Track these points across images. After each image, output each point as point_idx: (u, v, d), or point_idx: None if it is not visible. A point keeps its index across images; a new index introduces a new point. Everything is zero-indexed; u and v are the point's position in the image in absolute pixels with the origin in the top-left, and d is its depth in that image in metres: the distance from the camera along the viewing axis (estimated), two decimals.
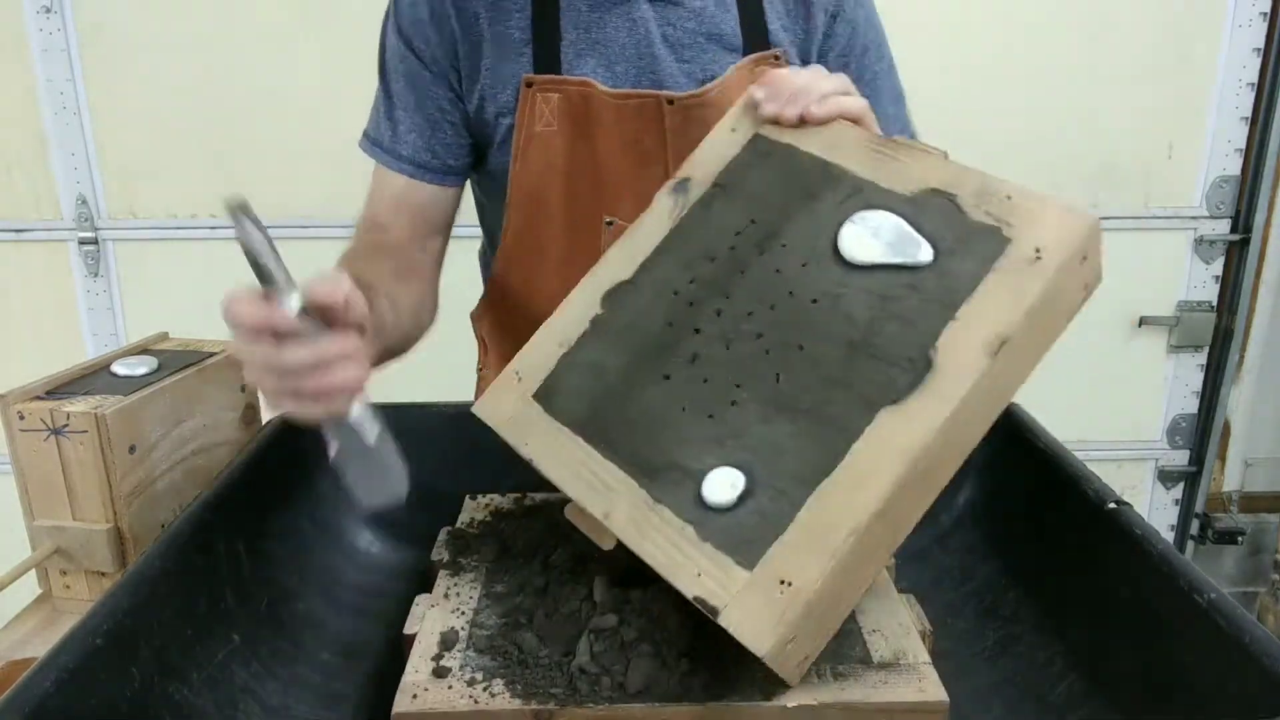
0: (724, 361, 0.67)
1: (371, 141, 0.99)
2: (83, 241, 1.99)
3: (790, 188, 0.73)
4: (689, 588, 0.59)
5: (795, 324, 0.66)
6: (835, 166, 0.72)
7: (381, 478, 0.69)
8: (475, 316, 1.13)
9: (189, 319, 1.30)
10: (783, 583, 0.56)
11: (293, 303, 0.60)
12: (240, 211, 0.59)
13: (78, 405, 0.85)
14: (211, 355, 1.00)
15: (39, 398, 0.87)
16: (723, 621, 0.57)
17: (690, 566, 0.59)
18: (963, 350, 0.60)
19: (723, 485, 0.61)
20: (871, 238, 0.67)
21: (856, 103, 0.76)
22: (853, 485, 0.58)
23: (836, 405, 0.62)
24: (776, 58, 0.94)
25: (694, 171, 0.78)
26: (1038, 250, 0.61)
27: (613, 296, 0.74)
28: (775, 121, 0.76)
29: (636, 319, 0.72)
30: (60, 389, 0.89)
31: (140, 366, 0.94)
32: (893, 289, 0.64)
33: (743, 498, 0.60)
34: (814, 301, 0.66)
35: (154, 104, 1.92)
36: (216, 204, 1.98)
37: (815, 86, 0.75)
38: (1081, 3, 1.92)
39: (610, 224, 0.97)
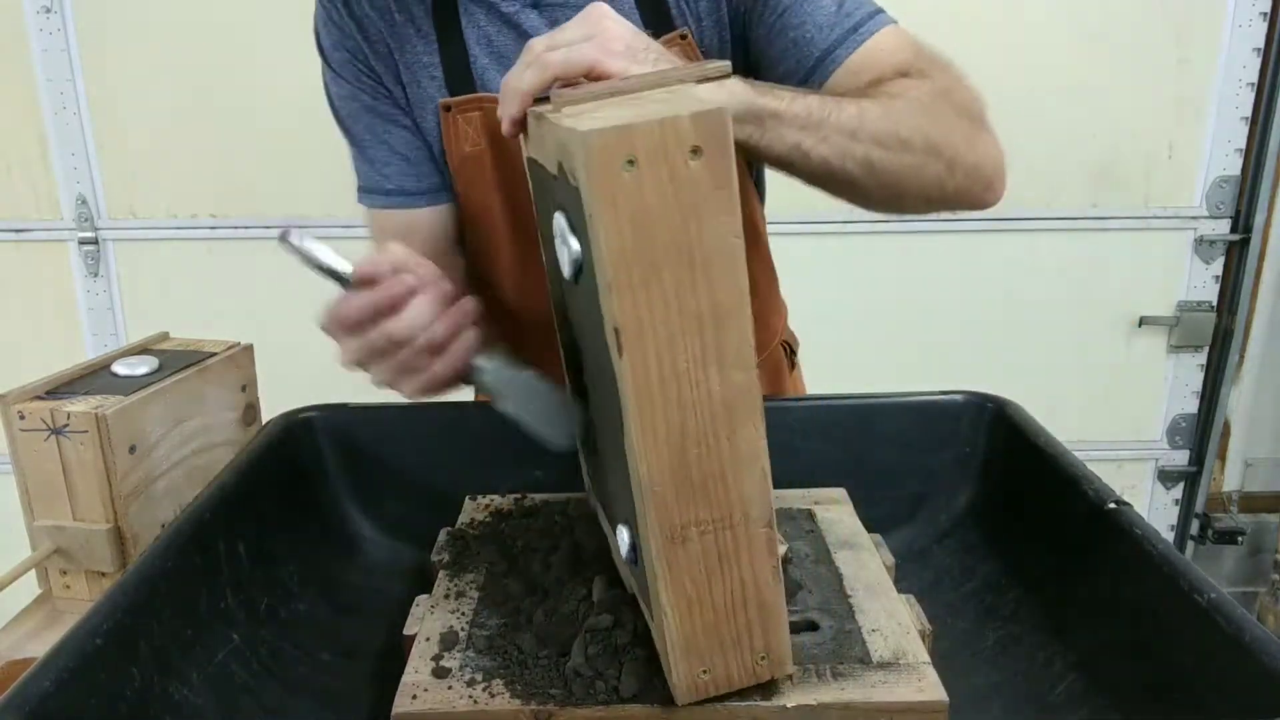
0: (598, 421, 0.65)
1: (366, 192, 0.99)
2: (83, 241, 1.99)
3: (548, 211, 0.65)
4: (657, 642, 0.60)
5: (588, 363, 0.63)
6: (540, 168, 0.64)
7: (555, 410, 0.72)
8: None
9: (189, 319, 1.30)
10: (659, 630, 0.57)
11: None
12: (290, 238, 0.66)
13: (78, 405, 0.85)
14: (212, 355, 1.00)
15: (39, 398, 0.87)
16: (666, 673, 0.58)
17: (646, 618, 0.62)
18: (610, 355, 0.52)
19: (622, 541, 0.62)
20: (561, 245, 0.57)
21: (531, 77, 0.64)
22: (643, 529, 0.55)
23: (610, 441, 0.58)
24: (684, 37, 0.89)
25: (538, 215, 0.73)
26: (584, 206, 0.49)
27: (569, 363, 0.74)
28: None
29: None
30: (60, 389, 0.89)
31: (140, 366, 0.94)
32: (581, 301, 0.58)
33: (633, 548, 0.60)
34: (582, 332, 0.62)
35: (154, 104, 1.93)
36: (216, 204, 1.99)
37: (507, 80, 0.66)
38: (1081, 3, 1.92)
39: None
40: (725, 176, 0.48)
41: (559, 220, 0.56)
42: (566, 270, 0.55)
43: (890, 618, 0.68)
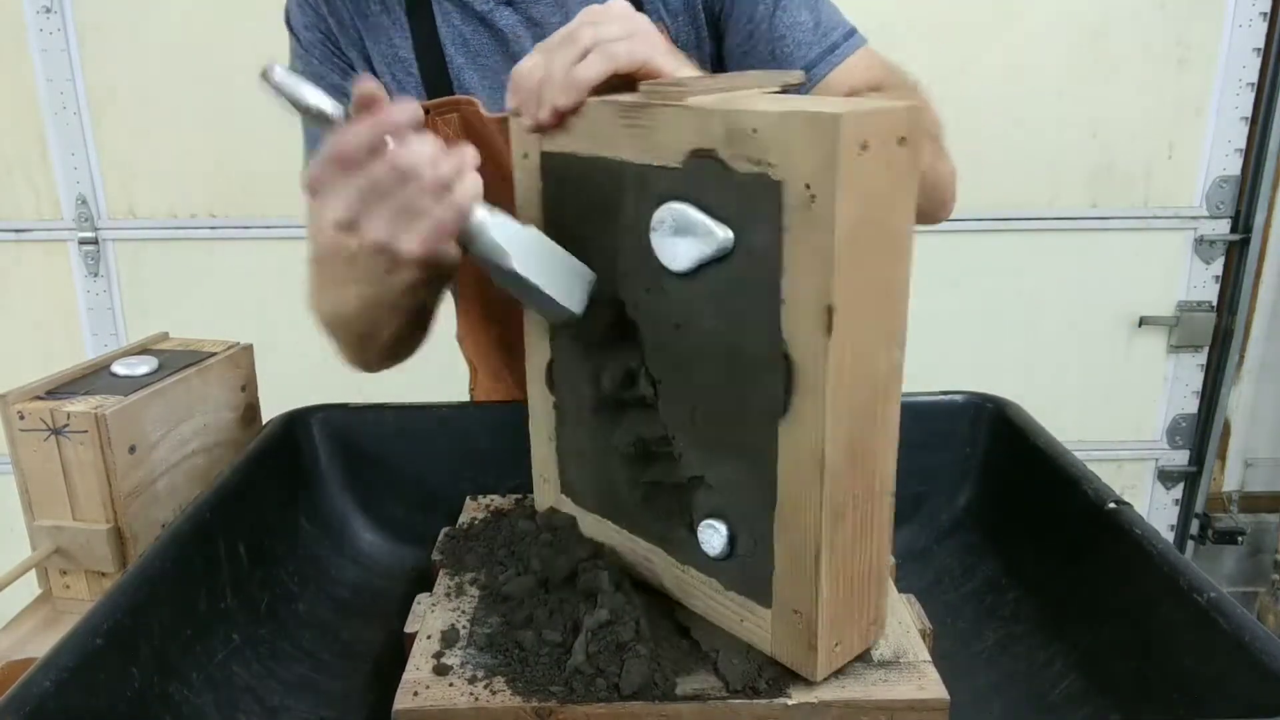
0: (652, 420, 0.66)
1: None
2: (83, 241, 1.99)
3: (592, 210, 0.65)
4: (743, 635, 0.63)
5: (676, 359, 0.62)
6: (609, 163, 0.62)
7: (564, 269, 0.65)
8: (459, 338, 1.12)
9: (189, 319, 1.30)
10: (795, 612, 0.59)
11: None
12: (273, 76, 0.59)
13: (78, 405, 0.85)
14: (211, 355, 1.00)
15: (39, 398, 0.87)
16: (777, 657, 0.61)
17: (732, 615, 0.63)
18: (803, 335, 0.54)
19: (711, 538, 0.63)
20: (675, 237, 0.57)
21: (597, 65, 0.61)
22: (795, 509, 0.57)
23: (747, 431, 0.59)
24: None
25: (526, 219, 0.70)
26: (808, 187, 0.51)
27: (551, 378, 0.74)
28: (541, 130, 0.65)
29: (577, 398, 0.72)
30: (60, 389, 0.89)
31: (140, 366, 0.94)
32: (719, 287, 0.58)
33: (732, 541, 0.62)
34: (677, 328, 0.61)
35: (154, 104, 1.93)
36: (216, 204, 1.99)
37: (552, 70, 0.62)
38: (1082, 3, 1.92)
39: None
40: (917, 165, 0.53)
41: (679, 210, 0.57)
42: (682, 263, 0.57)
43: (890, 617, 0.68)
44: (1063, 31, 1.93)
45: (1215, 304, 2.10)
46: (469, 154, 0.62)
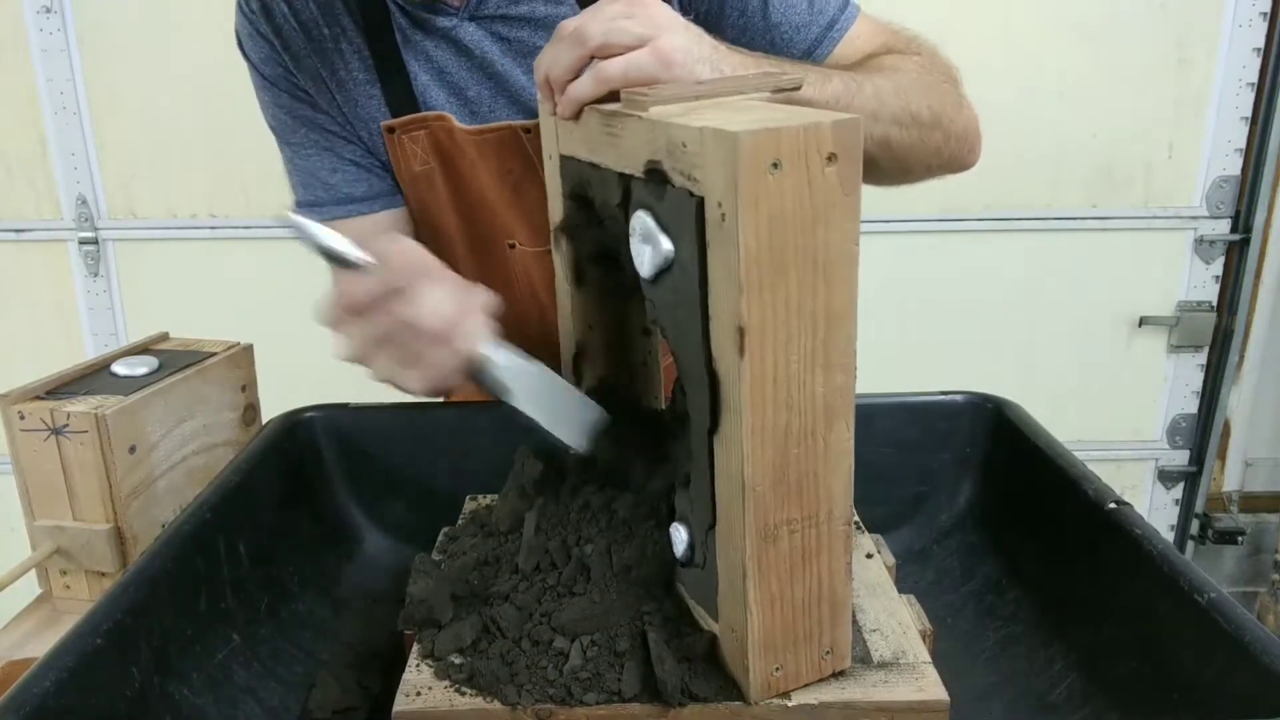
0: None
1: (306, 206, 0.96)
2: (83, 241, 1.99)
3: (599, 211, 0.67)
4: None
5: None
6: (600, 171, 0.64)
7: (569, 407, 0.69)
8: None
9: (189, 319, 1.30)
10: (732, 630, 0.58)
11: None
12: (294, 219, 0.66)
13: (78, 405, 0.85)
14: (211, 355, 1.00)
15: (39, 398, 0.87)
16: (730, 670, 0.60)
17: (706, 618, 0.63)
18: (724, 354, 0.53)
19: (676, 541, 0.64)
20: (643, 244, 0.58)
21: (593, 86, 0.63)
22: (728, 527, 0.56)
23: (694, 442, 0.58)
24: None
25: (554, 217, 0.74)
26: (719, 205, 0.50)
27: (578, 372, 0.77)
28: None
29: (606, 392, 0.76)
30: (60, 389, 0.89)
31: (140, 366, 0.94)
32: (666, 297, 0.58)
33: (691, 548, 0.62)
34: (662, 331, 0.62)
35: (154, 104, 1.92)
36: (216, 204, 1.99)
37: (565, 91, 0.64)
38: (1081, 3, 1.92)
39: (513, 247, 0.94)
40: (854, 184, 0.50)
41: (643, 219, 0.56)
42: (647, 270, 0.57)
43: (890, 617, 0.68)
44: (1063, 32, 1.93)
45: (1215, 304, 2.10)
46: (479, 298, 0.65)
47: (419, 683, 0.62)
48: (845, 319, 0.53)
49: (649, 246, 0.57)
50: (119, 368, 0.94)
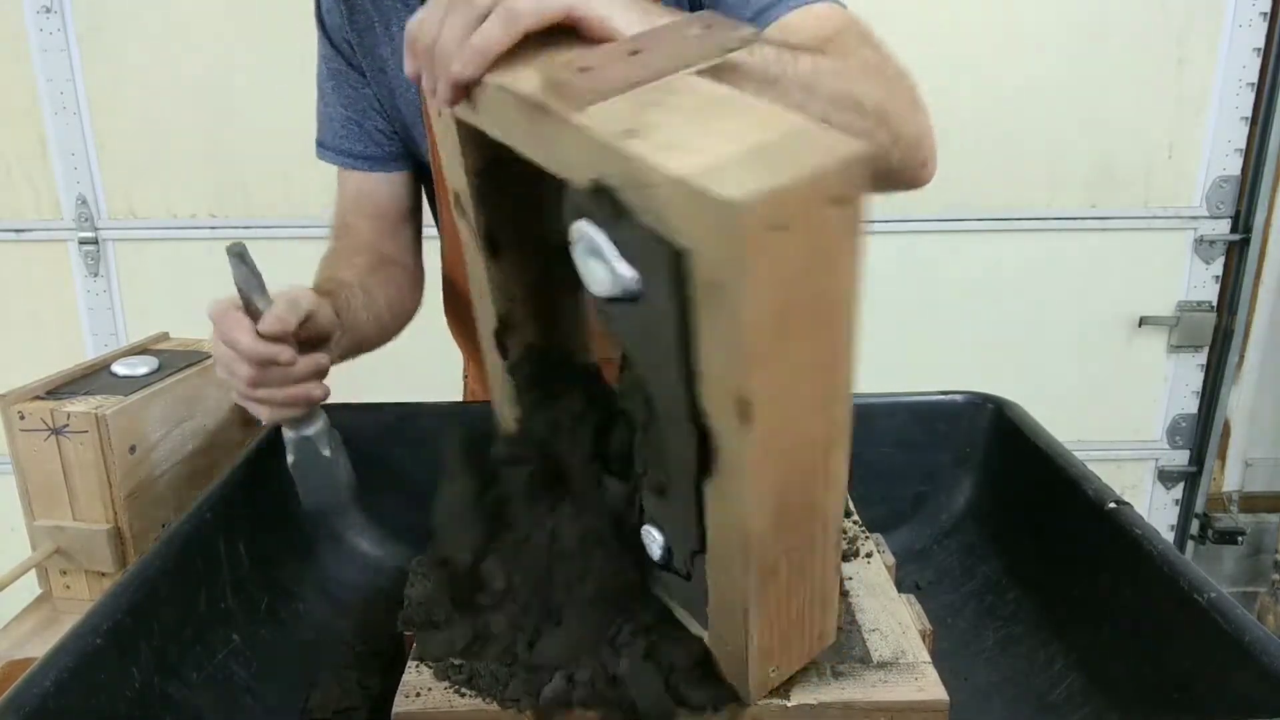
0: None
1: (320, 146, 1.02)
2: (83, 241, 1.99)
3: (518, 196, 0.62)
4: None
5: (642, 384, 0.56)
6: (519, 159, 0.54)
7: (329, 487, 0.81)
8: (448, 322, 1.13)
9: (189, 319, 1.30)
10: (727, 644, 0.57)
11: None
12: (239, 257, 0.76)
13: (78, 405, 0.85)
14: (211, 355, 1.00)
15: (39, 398, 0.87)
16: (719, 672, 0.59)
17: (691, 622, 0.62)
18: (721, 416, 0.47)
19: (650, 543, 0.62)
20: (590, 257, 0.48)
21: (499, 29, 0.51)
22: (723, 563, 0.54)
23: (676, 475, 0.54)
24: None
25: (454, 182, 0.66)
26: (712, 271, 0.42)
27: (503, 344, 0.72)
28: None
29: (536, 357, 0.72)
30: (60, 389, 0.89)
31: (140, 366, 0.94)
32: (634, 327, 0.50)
33: (668, 553, 0.61)
34: (644, 355, 0.54)
35: (154, 104, 1.92)
36: (216, 204, 1.99)
37: (446, 34, 0.53)
38: (1081, 3, 1.92)
39: None
40: (857, 224, 0.43)
41: (589, 232, 0.47)
42: (602, 289, 0.48)
43: (890, 617, 0.68)
44: (1063, 31, 1.93)
45: (1215, 304, 2.10)
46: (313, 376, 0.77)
47: (419, 683, 0.62)
48: (847, 357, 0.47)
49: (599, 264, 0.47)
50: (119, 368, 0.94)
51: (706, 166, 0.41)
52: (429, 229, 1.07)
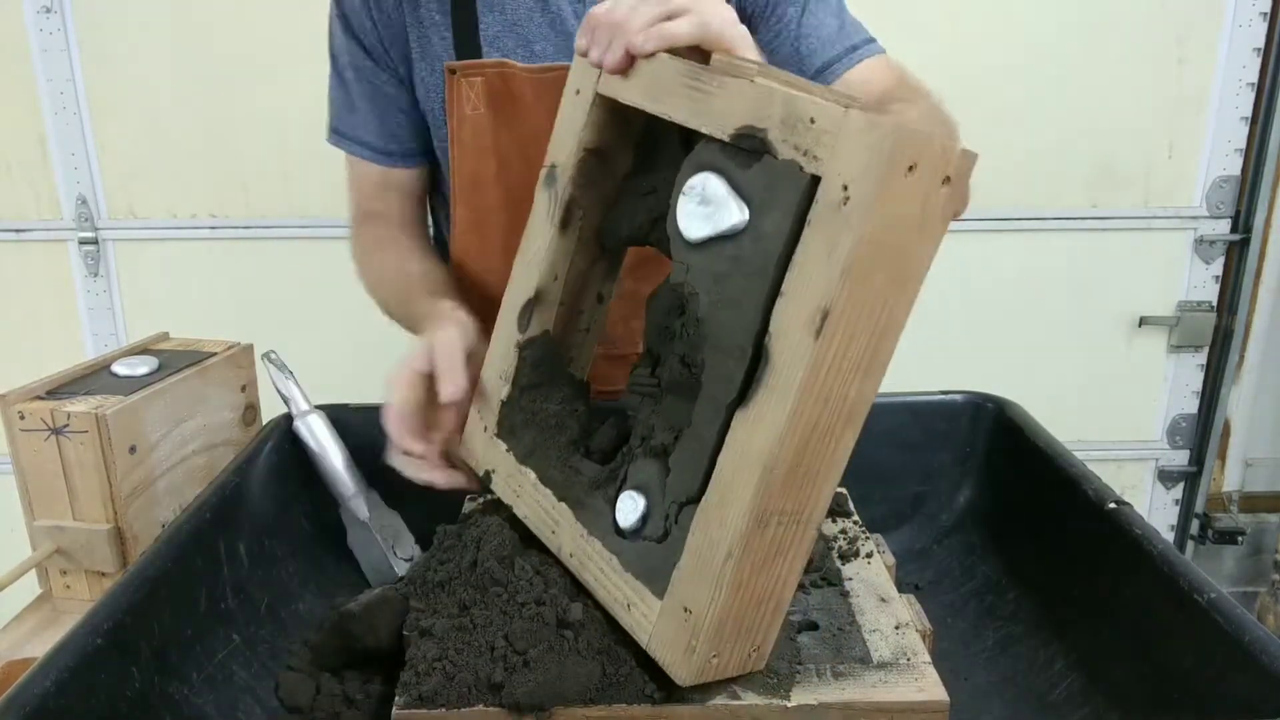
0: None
1: (336, 134, 1.03)
2: (83, 241, 1.99)
3: (634, 161, 0.70)
4: (626, 622, 0.61)
5: (701, 329, 0.61)
6: (658, 120, 0.63)
7: (384, 563, 0.88)
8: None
9: (189, 319, 1.30)
10: (685, 610, 0.57)
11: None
12: (275, 363, 0.93)
13: (78, 405, 0.85)
14: (212, 355, 1.00)
15: (39, 398, 0.87)
16: (651, 652, 0.59)
17: (622, 598, 0.61)
18: (791, 332, 0.52)
19: (627, 510, 0.63)
20: (698, 206, 0.58)
21: (687, 26, 0.63)
22: (722, 502, 0.55)
23: (702, 414, 0.58)
24: None
25: (557, 155, 0.73)
26: (845, 188, 0.50)
27: (526, 317, 0.74)
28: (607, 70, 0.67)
29: (549, 344, 0.74)
30: (61, 389, 0.89)
31: (140, 366, 0.94)
32: (720, 265, 0.57)
33: (644, 519, 0.61)
34: (684, 298, 0.61)
35: (154, 104, 1.92)
36: (216, 204, 1.99)
37: (633, 19, 0.64)
38: (1082, 3, 1.92)
39: None
40: (951, 210, 0.52)
41: (709, 181, 0.57)
42: (696, 233, 0.58)
43: (890, 618, 0.68)
44: (1063, 31, 1.93)
45: (1215, 304, 2.10)
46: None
47: (419, 684, 0.62)
48: (897, 331, 0.53)
49: (708, 210, 0.57)
50: (119, 368, 0.94)
51: (862, 112, 0.50)
52: None
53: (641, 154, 0.72)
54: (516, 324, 0.74)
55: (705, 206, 0.57)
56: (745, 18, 0.93)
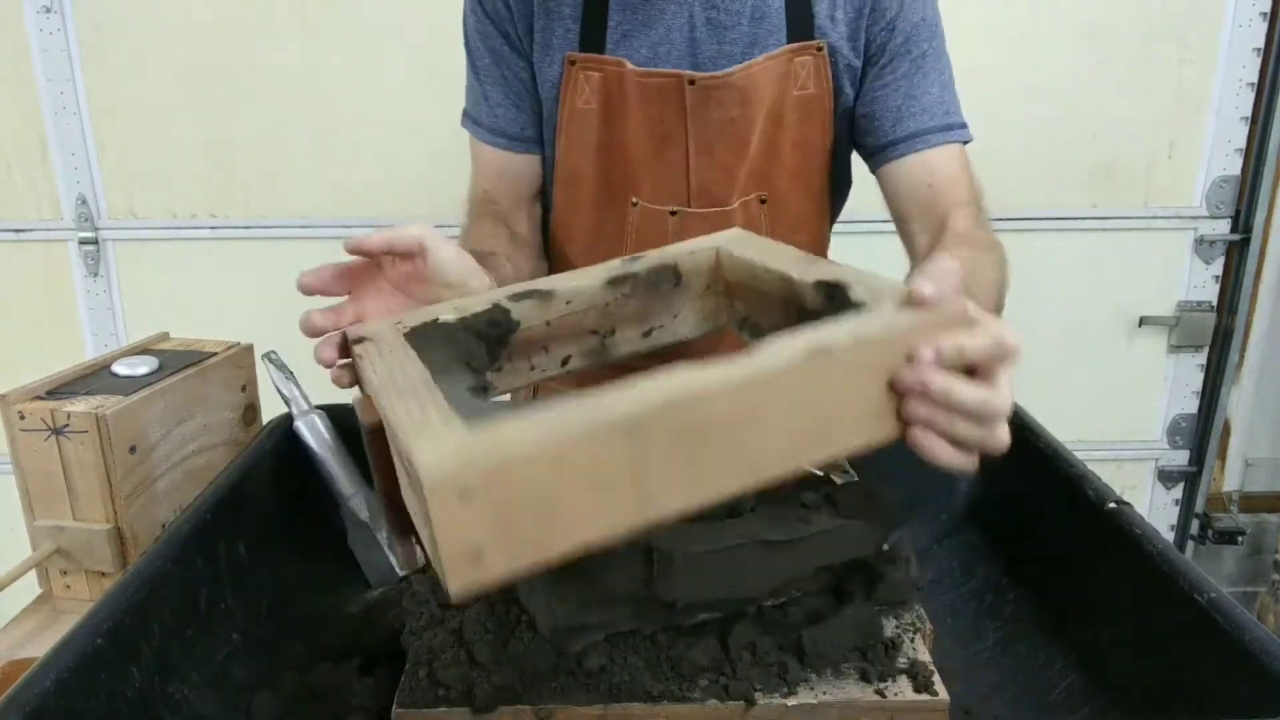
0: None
1: (470, 119, 1.04)
2: (83, 241, 1.99)
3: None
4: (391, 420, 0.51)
5: None
6: None
7: (384, 564, 0.88)
8: None
9: (189, 319, 1.30)
10: (491, 437, 0.45)
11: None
12: (275, 363, 0.95)
13: (78, 405, 0.85)
14: (212, 355, 1.00)
15: (40, 398, 0.87)
16: (407, 447, 0.46)
17: (420, 418, 0.50)
18: (784, 344, 0.50)
19: None
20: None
21: (998, 446, 0.56)
22: (616, 394, 0.47)
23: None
24: (819, 49, 0.94)
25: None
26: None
27: (520, 297, 0.69)
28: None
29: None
30: (61, 389, 0.89)
31: (140, 366, 0.94)
32: None
33: None
34: None
35: (154, 104, 1.92)
36: (216, 204, 1.99)
37: (996, 406, 0.54)
38: (1081, 3, 1.92)
39: (635, 205, 1.00)
40: None
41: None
42: None
43: (890, 618, 0.68)
44: (1063, 31, 1.93)
45: (1215, 304, 2.10)
46: None
47: (419, 684, 0.62)
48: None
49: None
50: (119, 368, 0.94)
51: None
52: None
53: None
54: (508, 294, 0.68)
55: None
56: (868, 45, 0.96)
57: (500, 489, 0.44)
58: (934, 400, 0.52)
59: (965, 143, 0.97)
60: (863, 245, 1.19)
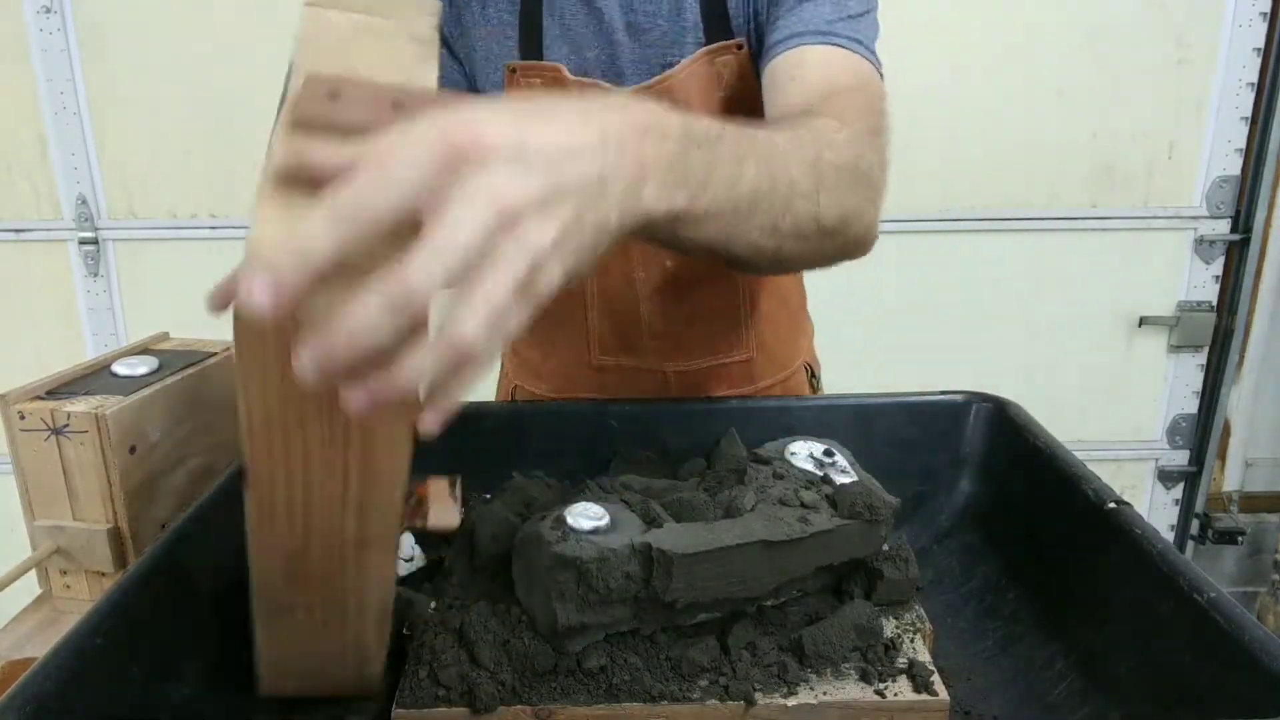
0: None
1: None
2: (83, 241, 1.99)
3: None
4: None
5: None
6: None
7: None
8: None
9: (189, 319, 1.30)
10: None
11: None
12: None
13: (78, 405, 0.85)
14: (212, 355, 1.00)
15: (39, 398, 0.87)
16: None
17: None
18: None
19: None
20: None
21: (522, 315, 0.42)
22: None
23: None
24: (740, 47, 0.91)
25: None
26: None
27: None
28: None
29: None
30: (61, 389, 0.89)
31: (141, 366, 0.94)
32: None
33: None
34: None
35: (154, 104, 1.93)
36: (216, 204, 1.99)
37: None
38: (1082, 3, 1.92)
39: None
40: None
41: None
42: None
43: (891, 619, 0.68)
44: (1062, 31, 1.93)
45: (1215, 304, 2.10)
46: None
47: (419, 684, 0.62)
48: None
49: None
50: (119, 368, 0.94)
51: None
52: None
53: None
54: None
55: None
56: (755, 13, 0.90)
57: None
58: None
59: (864, 59, 0.83)
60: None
